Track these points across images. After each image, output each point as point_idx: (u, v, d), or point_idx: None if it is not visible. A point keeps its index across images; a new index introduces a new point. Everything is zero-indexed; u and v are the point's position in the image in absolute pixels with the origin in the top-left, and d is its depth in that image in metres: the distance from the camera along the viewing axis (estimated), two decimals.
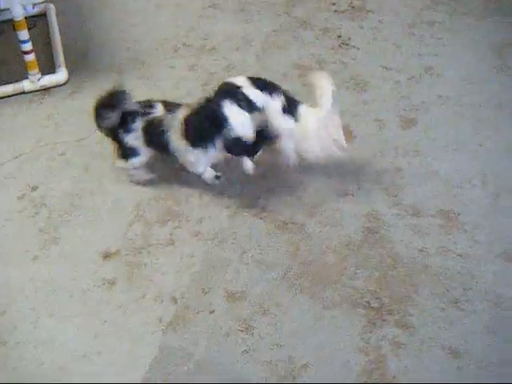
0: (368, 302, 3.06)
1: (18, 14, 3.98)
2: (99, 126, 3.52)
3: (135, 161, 3.56)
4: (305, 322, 2.99)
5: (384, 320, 3.00)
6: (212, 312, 3.02)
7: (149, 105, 3.48)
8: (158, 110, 3.45)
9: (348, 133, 3.76)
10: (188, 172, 3.59)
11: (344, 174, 3.70)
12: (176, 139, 3.37)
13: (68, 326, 2.99)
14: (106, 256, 3.27)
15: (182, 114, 3.37)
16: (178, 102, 3.55)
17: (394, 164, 3.77)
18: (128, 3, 5.16)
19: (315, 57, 4.61)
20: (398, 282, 3.16)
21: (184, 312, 3.01)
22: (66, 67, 4.38)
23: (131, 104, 3.45)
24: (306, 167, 3.70)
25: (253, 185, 3.60)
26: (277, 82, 3.77)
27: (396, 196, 3.58)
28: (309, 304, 3.06)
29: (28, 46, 4.12)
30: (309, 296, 3.09)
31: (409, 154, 3.83)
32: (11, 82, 4.28)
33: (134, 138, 3.47)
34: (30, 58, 4.16)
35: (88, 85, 4.32)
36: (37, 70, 4.22)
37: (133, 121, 3.44)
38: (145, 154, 3.55)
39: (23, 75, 4.25)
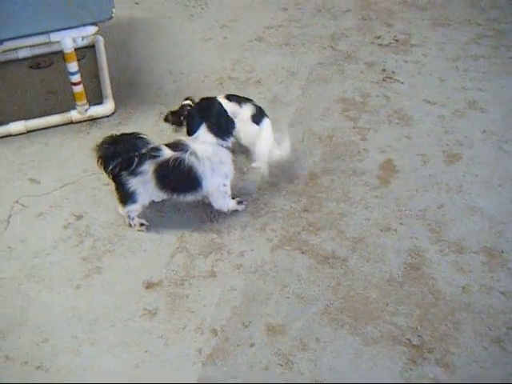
0: (409, 340, 3.03)
1: (68, 46, 4.06)
2: (104, 167, 3.44)
3: (132, 207, 3.52)
4: (345, 358, 2.97)
5: (425, 358, 2.96)
6: (252, 345, 3.01)
7: (155, 148, 3.42)
8: (165, 152, 3.39)
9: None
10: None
11: (386, 208, 3.69)
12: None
13: (109, 355, 3.01)
14: (149, 286, 3.29)
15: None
16: None
17: (437, 200, 3.75)
18: (175, 36, 5.24)
19: (359, 90, 4.63)
20: (440, 320, 3.12)
21: (224, 344, 3.02)
22: (113, 98, 4.46)
23: (138, 145, 3.43)
24: (348, 201, 3.71)
25: (295, 219, 3.61)
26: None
27: (439, 232, 3.55)
28: (349, 340, 3.04)
29: (77, 78, 4.21)
30: (349, 332, 3.07)
31: (452, 190, 3.81)
32: (59, 112, 4.37)
33: (141, 182, 3.39)
34: (79, 89, 4.25)
35: (134, 116, 4.39)
36: (85, 101, 4.30)
37: (141, 163, 3.36)
38: (143, 203, 3.52)
39: (71, 105, 4.34)
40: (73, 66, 4.17)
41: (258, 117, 3.85)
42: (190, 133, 3.50)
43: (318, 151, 4.07)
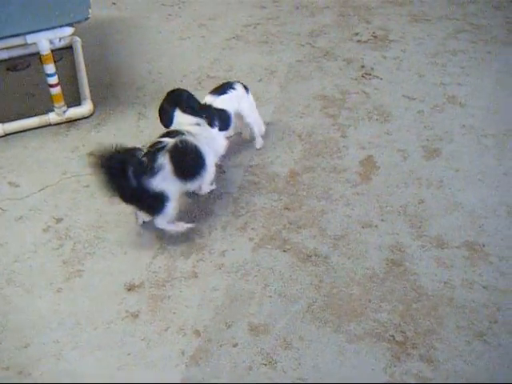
0: (392, 336, 3.03)
1: (45, 48, 4.04)
2: (118, 188, 3.29)
3: (169, 209, 3.40)
4: (328, 355, 2.96)
5: (408, 354, 2.96)
6: (235, 345, 3.00)
7: (158, 142, 3.38)
8: (167, 140, 3.36)
9: None
10: (210, 204, 3.63)
11: (367, 205, 3.69)
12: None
13: (92, 359, 2.98)
14: (130, 288, 3.27)
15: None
16: None
17: (417, 195, 3.76)
18: (153, 35, 5.23)
19: (338, 87, 4.64)
20: (423, 315, 3.12)
21: (207, 345, 3.00)
22: (92, 99, 4.44)
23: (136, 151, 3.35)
24: (329, 198, 3.71)
25: (276, 217, 3.60)
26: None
27: (420, 227, 3.56)
28: (332, 337, 3.03)
29: (54, 80, 4.19)
30: (332, 329, 3.06)
31: (432, 185, 3.82)
32: (37, 115, 4.34)
33: (162, 178, 3.30)
34: (56, 90, 4.22)
35: (113, 117, 4.38)
36: (63, 103, 4.28)
37: (155, 158, 3.29)
38: (174, 197, 3.41)
39: (49, 107, 4.32)
40: (50, 68, 4.14)
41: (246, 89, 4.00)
42: (167, 123, 3.54)
43: (297, 149, 4.07)
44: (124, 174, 3.22)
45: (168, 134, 3.43)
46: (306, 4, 5.69)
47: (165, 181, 3.32)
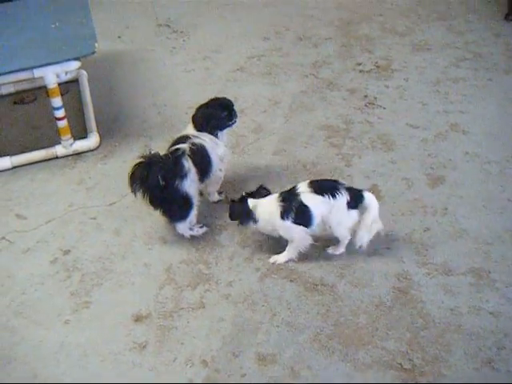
0: (400, 364, 3.03)
1: (51, 81, 4.09)
2: (151, 192, 3.50)
3: (192, 214, 3.64)
4: None
5: (417, 382, 2.96)
6: (243, 375, 3.00)
7: (177, 144, 3.60)
8: (183, 145, 3.58)
9: None
10: (216, 235, 3.67)
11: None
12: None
13: None
14: (137, 319, 3.28)
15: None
16: None
17: (422, 223, 3.77)
18: (158, 69, 5.27)
19: (342, 117, 4.67)
20: (430, 343, 3.13)
21: (215, 375, 3.00)
22: (98, 132, 4.47)
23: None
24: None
25: (282, 248, 3.60)
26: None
27: (426, 255, 3.57)
28: (340, 366, 3.03)
29: (61, 113, 4.22)
30: (340, 358, 3.06)
31: (437, 213, 3.84)
32: (44, 147, 4.37)
33: (191, 181, 3.54)
34: (63, 124, 4.26)
35: (119, 149, 4.41)
36: (69, 136, 4.31)
37: (181, 162, 3.51)
38: (197, 202, 3.66)
39: (56, 140, 4.35)
40: (57, 101, 4.18)
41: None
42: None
43: (303, 179, 4.04)
44: (155, 178, 3.40)
45: (179, 141, 3.62)
46: (308, 35, 5.74)
47: (192, 184, 3.53)
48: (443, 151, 4.35)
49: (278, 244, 3.62)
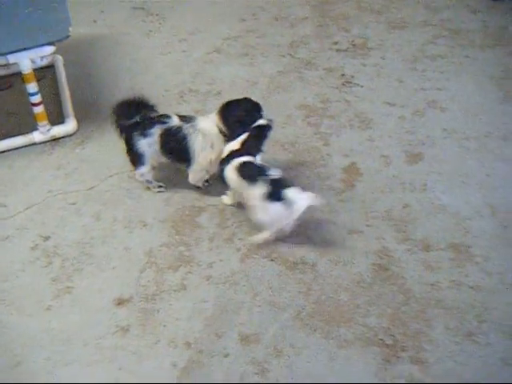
0: (382, 340, 3.06)
1: (27, 67, 4.04)
2: (118, 125, 3.75)
3: (142, 169, 3.80)
4: (319, 362, 2.99)
5: (398, 357, 3.00)
6: (226, 356, 3.02)
7: (165, 116, 3.72)
8: (174, 121, 3.70)
9: None
10: (196, 217, 3.66)
11: (352, 211, 3.73)
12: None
13: (84, 375, 3.00)
14: (120, 303, 3.28)
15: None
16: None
17: (402, 199, 3.80)
18: (134, 52, 5.24)
19: (320, 96, 4.67)
20: (411, 318, 3.16)
21: (198, 356, 3.02)
22: (75, 117, 4.43)
23: (151, 112, 3.73)
24: (314, 207, 3.73)
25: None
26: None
27: (405, 231, 3.59)
28: (323, 344, 3.06)
29: (37, 99, 4.18)
30: (322, 336, 3.09)
31: (416, 189, 3.86)
32: (21, 134, 4.33)
33: (148, 144, 3.69)
34: (40, 109, 4.22)
35: (97, 134, 4.37)
36: (46, 122, 4.28)
37: (150, 126, 3.67)
38: (152, 163, 3.80)
39: (33, 126, 4.30)
40: (32, 87, 4.14)
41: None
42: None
43: (281, 159, 4.09)
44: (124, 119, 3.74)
45: (183, 117, 3.77)
46: (285, 15, 5.72)
47: (148, 148, 3.73)
48: (421, 128, 4.36)
49: (258, 224, 3.63)
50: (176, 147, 3.69)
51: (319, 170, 4.01)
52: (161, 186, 3.92)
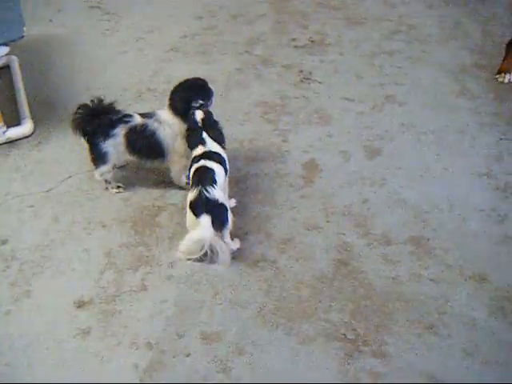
0: (344, 334, 3.07)
1: None
2: (80, 128, 3.70)
3: (103, 169, 3.78)
4: (282, 358, 2.99)
5: (361, 351, 3.00)
6: (188, 355, 3.00)
7: (127, 115, 3.71)
8: (137, 119, 3.70)
9: None
10: (156, 216, 3.65)
11: (312, 207, 3.73)
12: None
13: (45, 379, 2.95)
14: (80, 305, 3.24)
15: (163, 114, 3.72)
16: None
17: (361, 194, 3.82)
18: (91, 51, 5.20)
19: (278, 93, 4.68)
20: (373, 312, 3.17)
21: (160, 357, 3.00)
22: (32, 118, 4.38)
23: (113, 112, 3.71)
24: (273, 203, 3.74)
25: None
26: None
27: (365, 226, 3.61)
28: (285, 340, 3.06)
29: None
30: (284, 332, 3.09)
31: (376, 184, 3.88)
32: None
33: (113, 144, 3.68)
34: None
35: (54, 135, 4.33)
36: (2, 123, 4.22)
37: (114, 127, 3.66)
38: (114, 163, 3.79)
39: None
40: None
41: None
42: None
43: (240, 156, 4.09)
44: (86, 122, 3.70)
45: (144, 114, 3.77)
46: (242, 13, 5.72)
47: (114, 147, 3.73)
48: (379, 123, 4.39)
49: None
50: (146, 144, 3.69)
51: (278, 167, 4.01)
52: (119, 187, 3.90)
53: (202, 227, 3.31)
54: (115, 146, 3.69)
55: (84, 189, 3.90)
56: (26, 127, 4.34)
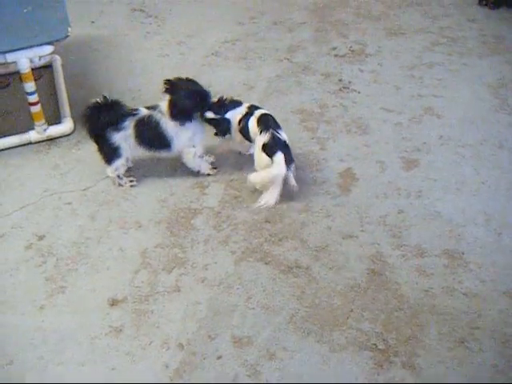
0: (375, 344, 3.06)
1: (25, 66, 4.04)
2: (89, 127, 3.86)
3: (118, 163, 3.89)
4: (312, 365, 2.98)
5: (391, 362, 2.99)
6: (219, 358, 3.01)
7: (134, 109, 3.88)
8: (143, 111, 3.85)
9: None
10: (192, 219, 3.66)
11: (347, 216, 3.73)
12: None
13: (76, 374, 2.98)
14: (113, 304, 3.27)
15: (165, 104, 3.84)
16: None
17: (397, 205, 3.80)
18: (132, 53, 5.25)
19: (317, 101, 4.68)
20: (404, 323, 3.16)
21: (191, 358, 3.01)
22: (72, 117, 4.45)
23: (120, 109, 3.86)
24: (309, 211, 3.74)
25: (257, 230, 3.63)
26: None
27: (400, 237, 3.60)
28: (316, 347, 3.05)
29: (34, 98, 4.19)
30: (315, 339, 3.09)
31: (411, 195, 3.87)
32: (18, 133, 4.33)
33: (123, 137, 3.81)
34: (37, 109, 4.23)
35: None
36: (43, 121, 4.28)
37: (123, 120, 3.80)
38: (127, 156, 3.91)
39: (30, 126, 4.31)
40: (30, 87, 4.14)
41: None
42: None
43: None
44: (96, 119, 3.84)
45: (150, 106, 3.92)
46: (283, 20, 5.74)
47: (125, 140, 3.86)
48: (417, 135, 4.38)
49: (254, 226, 3.64)
50: (153, 134, 3.82)
51: (315, 175, 4.02)
52: (132, 181, 4.00)
53: (277, 164, 3.70)
54: (126, 138, 3.82)
55: (121, 188, 3.94)
56: (67, 126, 4.40)
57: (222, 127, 3.95)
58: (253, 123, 3.84)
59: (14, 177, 4.08)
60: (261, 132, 3.77)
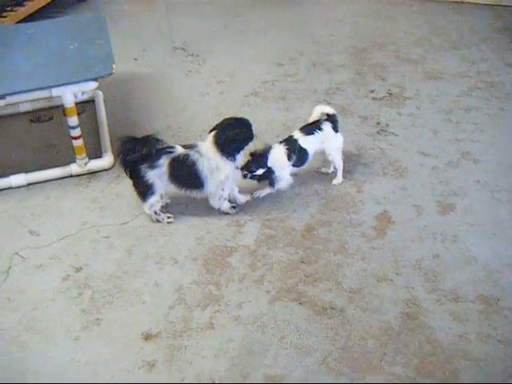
0: None
1: (69, 101, 4.14)
2: (124, 160, 3.85)
3: (152, 200, 3.93)
4: None
5: None
6: None
7: (170, 146, 3.89)
8: (179, 150, 3.87)
9: None
10: (227, 257, 3.69)
11: (383, 259, 3.72)
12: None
13: None
14: (147, 338, 3.29)
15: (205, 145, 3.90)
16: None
17: (432, 249, 3.79)
18: (173, 91, 5.34)
19: (354, 143, 4.72)
20: (438, 369, 3.13)
21: None
22: (112, 152, 4.53)
23: (156, 145, 3.84)
24: (344, 252, 3.74)
25: (292, 270, 3.64)
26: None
27: (435, 281, 3.58)
28: None
29: (77, 132, 4.28)
30: (348, 382, 3.07)
31: (447, 240, 3.86)
32: (59, 166, 4.43)
33: (158, 175, 3.84)
34: (79, 143, 4.32)
35: None
36: (84, 155, 4.37)
37: (158, 158, 3.81)
38: (161, 193, 3.95)
39: (71, 159, 4.40)
40: (73, 121, 4.24)
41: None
42: None
43: (314, 203, 4.13)
44: (131, 155, 3.84)
45: (186, 145, 3.95)
46: (322, 62, 5.81)
47: (159, 178, 3.91)
48: (454, 179, 4.38)
49: (289, 266, 3.65)
50: (187, 174, 3.86)
51: (351, 217, 4.03)
52: (169, 217, 4.04)
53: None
54: (160, 176, 3.85)
55: (158, 224, 3.99)
56: (107, 160, 4.48)
57: (271, 177, 4.12)
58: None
59: (54, 208, 4.16)
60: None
